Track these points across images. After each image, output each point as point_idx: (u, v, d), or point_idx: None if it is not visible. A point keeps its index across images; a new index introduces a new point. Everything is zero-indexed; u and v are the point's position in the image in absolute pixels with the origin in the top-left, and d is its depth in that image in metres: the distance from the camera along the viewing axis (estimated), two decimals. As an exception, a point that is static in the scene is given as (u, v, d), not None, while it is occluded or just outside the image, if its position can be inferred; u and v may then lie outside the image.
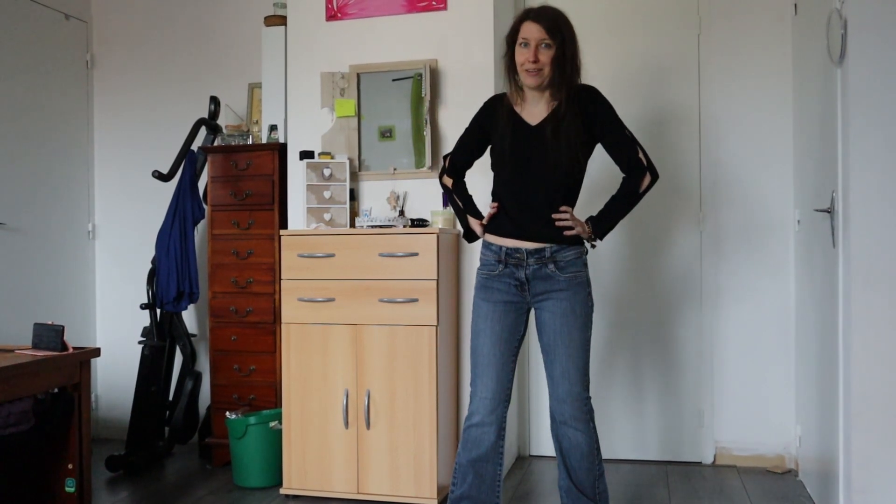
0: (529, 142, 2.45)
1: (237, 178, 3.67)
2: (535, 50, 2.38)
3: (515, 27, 2.45)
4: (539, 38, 2.38)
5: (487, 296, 2.51)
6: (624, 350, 3.76)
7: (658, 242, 3.74)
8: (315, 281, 3.16)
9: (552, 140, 2.42)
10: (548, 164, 2.42)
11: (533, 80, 2.41)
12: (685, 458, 3.71)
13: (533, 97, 2.49)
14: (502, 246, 2.48)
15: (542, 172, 2.43)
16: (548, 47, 2.38)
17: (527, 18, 2.42)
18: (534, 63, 2.38)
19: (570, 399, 2.46)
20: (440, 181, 2.75)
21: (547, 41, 2.38)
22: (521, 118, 2.49)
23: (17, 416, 2.70)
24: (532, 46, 2.38)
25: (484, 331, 2.49)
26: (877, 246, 2.49)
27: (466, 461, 2.50)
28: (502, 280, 2.48)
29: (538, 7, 2.46)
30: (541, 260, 2.45)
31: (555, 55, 2.39)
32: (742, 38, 3.64)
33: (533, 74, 2.40)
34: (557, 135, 2.41)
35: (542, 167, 2.43)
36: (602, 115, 2.47)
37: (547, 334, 2.49)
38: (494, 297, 2.49)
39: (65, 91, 4.23)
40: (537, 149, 2.44)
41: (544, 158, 2.43)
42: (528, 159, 2.44)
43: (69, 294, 4.22)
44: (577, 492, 2.51)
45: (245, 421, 3.35)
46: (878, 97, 2.48)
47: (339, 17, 3.53)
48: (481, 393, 2.48)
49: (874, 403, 2.49)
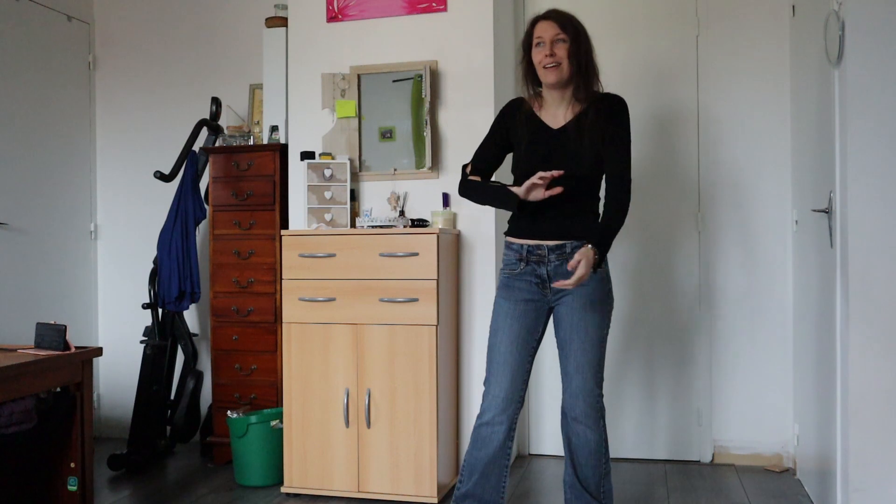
0: (551, 145, 2.47)
1: (238, 179, 3.69)
2: (550, 46, 2.43)
3: (529, 31, 2.51)
4: (553, 34, 2.43)
5: (509, 294, 2.51)
6: (623, 350, 3.77)
7: (657, 242, 3.76)
8: (316, 281, 3.18)
9: (575, 142, 2.44)
10: (569, 165, 2.42)
11: (553, 76, 2.44)
12: (683, 456, 3.73)
13: (553, 99, 2.51)
14: (524, 244, 2.49)
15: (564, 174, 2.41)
16: (562, 42, 2.43)
17: (538, 20, 2.49)
18: (551, 57, 2.42)
19: (582, 395, 2.47)
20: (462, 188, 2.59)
21: (561, 36, 2.43)
22: (542, 121, 2.51)
23: (20, 415, 2.71)
24: (547, 43, 2.43)
25: (502, 329, 2.49)
26: (874, 246, 2.50)
27: (474, 459, 2.50)
28: (523, 279, 2.49)
29: (548, 9, 2.52)
30: (562, 256, 2.45)
31: (570, 49, 2.43)
32: (740, 39, 3.66)
33: (552, 70, 2.43)
34: (581, 137, 2.43)
35: (563, 168, 2.40)
36: (617, 126, 2.47)
37: (563, 328, 2.50)
38: (515, 296, 2.49)
39: (67, 92, 4.25)
40: (559, 151, 2.45)
41: (566, 159, 2.43)
42: (548, 160, 2.44)
43: (71, 294, 4.24)
44: (581, 488, 2.52)
45: (246, 420, 3.36)
46: (875, 98, 2.50)
47: (340, 19, 3.55)
48: (494, 391, 2.48)
49: (871, 402, 2.50)
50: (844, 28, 2.52)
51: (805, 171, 3.25)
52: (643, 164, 3.75)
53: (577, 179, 2.43)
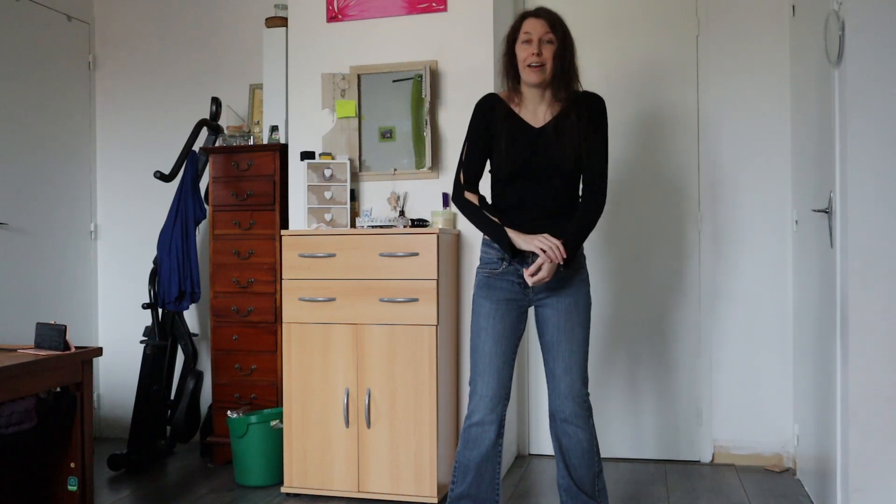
0: (532, 143, 2.46)
1: (238, 179, 3.69)
2: (537, 45, 2.42)
3: (516, 25, 2.49)
4: (542, 33, 2.42)
5: (489, 294, 2.51)
6: (622, 349, 3.77)
7: (656, 242, 3.76)
8: (316, 281, 3.18)
9: (556, 141, 2.44)
10: (551, 164, 2.43)
11: (536, 77, 2.43)
12: (683, 456, 3.73)
13: (532, 97, 2.50)
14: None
15: (545, 173, 2.44)
16: (550, 43, 2.42)
17: (528, 16, 2.47)
18: (537, 56, 2.41)
19: (572, 395, 2.48)
20: (459, 201, 2.55)
21: (549, 37, 2.42)
22: (523, 119, 2.50)
23: (20, 415, 2.71)
24: (535, 41, 2.42)
25: (486, 329, 2.49)
26: (874, 246, 2.50)
27: (466, 460, 2.51)
28: (505, 278, 2.49)
29: (538, 7, 2.51)
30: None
31: (556, 51, 2.42)
32: (740, 39, 3.66)
33: (536, 70, 2.42)
34: (562, 136, 2.43)
35: (545, 167, 2.44)
36: (595, 125, 2.48)
37: (549, 331, 2.50)
38: (497, 296, 2.50)
39: (67, 92, 4.25)
40: (541, 149, 2.45)
41: (548, 159, 2.44)
42: (530, 160, 2.45)
43: (71, 294, 4.24)
44: (577, 489, 2.53)
45: (246, 420, 3.37)
46: (875, 98, 2.50)
47: (340, 19, 3.55)
48: (481, 391, 2.48)
49: (871, 402, 2.50)
50: (844, 28, 2.52)
51: (805, 171, 3.25)
52: (643, 164, 3.75)
53: (559, 178, 2.44)
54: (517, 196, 2.48)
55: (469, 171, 2.55)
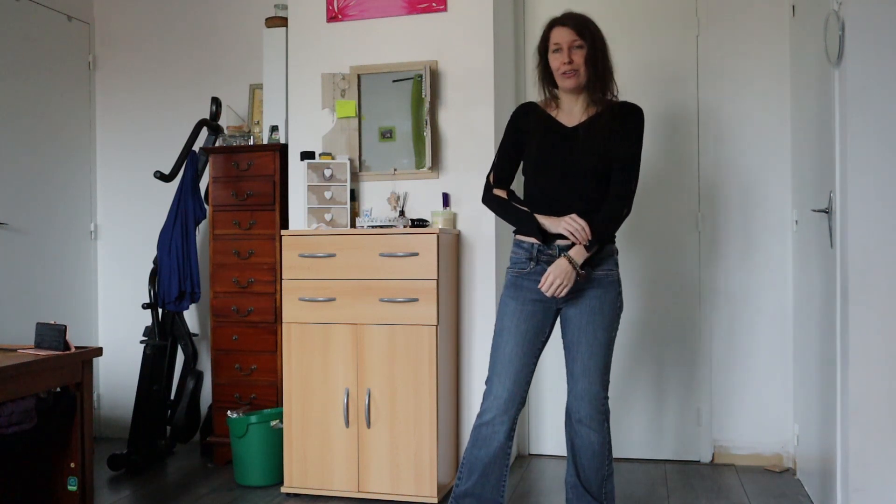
0: (564, 142, 2.48)
1: (238, 179, 3.69)
2: (567, 52, 2.43)
3: (545, 35, 2.50)
4: (570, 41, 2.44)
5: (516, 294, 2.50)
6: (622, 350, 3.77)
7: (656, 243, 3.76)
8: (316, 281, 3.18)
9: (586, 139, 2.44)
10: (579, 162, 2.44)
11: (571, 82, 2.45)
12: (683, 456, 3.73)
13: (569, 102, 2.52)
14: (534, 243, 2.48)
15: (573, 170, 2.44)
16: (580, 48, 2.44)
17: (555, 25, 2.49)
18: (569, 64, 2.43)
19: (587, 397, 2.48)
20: (487, 198, 2.60)
21: (578, 42, 2.44)
22: (557, 120, 2.52)
23: (20, 415, 2.71)
24: (565, 49, 2.44)
25: (508, 329, 2.48)
26: (874, 246, 2.50)
27: (474, 458, 2.50)
28: (532, 278, 2.47)
29: (563, 13, 2.51)
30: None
31: (587, 55, 2.44)
32: (740, 39, 3.66)
33: (570, 76, 2.44)
34: (593, 135, 2.44)
35: (573, 165, 2.44)
36: (630, 131, 2.48)
37: (571, 331, 2.50)
38: (524, 296, 2.48)
39: (67, 92, 4.25)
40: (571, 148, 2.46)
41: (577, 157, 2.44)
42: (562, 158, 2.46)
43: (71, 294, 4.24)
44: (583, 490, 2.53)
45: (246, 420, 3.37)
46: (875, 98, 2.50)
47: (340, 19, 3.55)
48: (496, 392, 2.47)
49: (872, 402, 2.50)
50: (844, 28, 2.52)
51: (805, 171, 3.25)
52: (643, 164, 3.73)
53: (587, 177, 2.44)
54: (545, 193, 2.48)
55: (499, 174, 2.59)
